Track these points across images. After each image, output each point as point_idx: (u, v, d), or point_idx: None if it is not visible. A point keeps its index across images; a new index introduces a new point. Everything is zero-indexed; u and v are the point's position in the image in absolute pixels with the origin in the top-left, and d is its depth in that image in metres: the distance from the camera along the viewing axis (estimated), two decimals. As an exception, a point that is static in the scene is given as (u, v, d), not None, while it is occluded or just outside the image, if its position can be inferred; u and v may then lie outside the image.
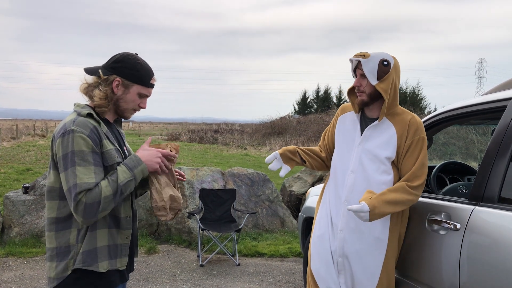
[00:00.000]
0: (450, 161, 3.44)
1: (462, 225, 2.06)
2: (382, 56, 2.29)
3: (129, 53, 1.82)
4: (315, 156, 2.63)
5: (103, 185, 1.65)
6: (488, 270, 1.86)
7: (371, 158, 2.32)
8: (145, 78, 1.81)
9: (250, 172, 6.66)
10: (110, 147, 1.74)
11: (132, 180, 1.72)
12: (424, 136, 2.31)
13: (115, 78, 1.77)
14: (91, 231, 1.71)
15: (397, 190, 2.21)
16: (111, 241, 1.76)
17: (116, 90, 1.78)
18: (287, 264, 5.04)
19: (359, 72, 2.33)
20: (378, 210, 2.13)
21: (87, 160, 1.64)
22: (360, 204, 2.13)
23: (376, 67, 2.26)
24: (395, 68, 2.31)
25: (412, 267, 2.37)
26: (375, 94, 2.31)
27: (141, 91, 1.82)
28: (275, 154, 2.56)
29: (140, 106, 1.86)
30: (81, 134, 1.65)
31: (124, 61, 1.78)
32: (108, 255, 1.74)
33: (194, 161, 15.09)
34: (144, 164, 1.75)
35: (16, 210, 5.43)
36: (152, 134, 39.31)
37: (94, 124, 1.71)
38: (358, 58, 2.29)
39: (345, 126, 2.49)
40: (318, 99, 46.11)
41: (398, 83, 2.36)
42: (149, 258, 5.08)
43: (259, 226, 6.21)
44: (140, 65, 1.80)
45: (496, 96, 2.23)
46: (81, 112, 1.73)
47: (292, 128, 26.64)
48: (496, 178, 2.01)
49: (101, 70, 1.78)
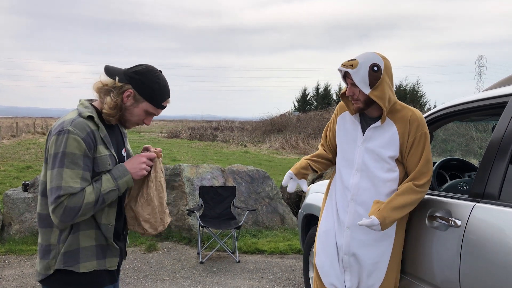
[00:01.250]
0: (450, 157, 3.43)
1: (462, 221, 2.05)
2: (371, 60, 2.20)
3: (153, 69, 1.77)
4: (323, 160, 2.63)
5: (87, 191, 1.63)
6: (489, 267, 1.86)
7: (374, 157, 2.31)
8: (159, 98, 1.77)
9: (250, 169, 6.65)
10: (104, 153, 1.71)
11: (116, 190, 1.69)
12: (426, 131, 2.28)
13: (129, 88, 1.73)
14: (74, 232, 1.69)
15: (405, 193, 2.21)
16: (98, 242, 1.74)
17: (126, 100, 1.74)
18: (287, 261, 5.04)
19: (349, 81, 2.26)
20: (388, 219, 2.15)
21: (77, 163, 1.62)
22: (370, 219, 2.14)
23: (367, 75, 2.18)
24: (386, 70, 2.23)
25: (412, 264, 2.37)
26: (370, 100, 2.24)
27: (150, 110, 1.78)
28: (289, 174, 2.56)
29: (144, 122, 1.83)
30: (76, 136, 1.62)
31: (145, 76, 1.73)
32: (95, 255, 1.73)
33: (194, 159, 15.09)
34: (129, 175, 1.72)
35: (16, 208, 5.43)
36: (152, 132, 39.30)
37: (92, 128, 1.69)
38: (347, 69, 2.21)
39: (346, 125, 2.45)
40: (318, 96, 46.08)
41: (392, 82, 2.29)
42: (149, 256, 5.08)
43: (259, 223, 6.21)
44: (158, 84, 1.75)
45: (496, 92, 2.21)
46: (82, 112, 1.70)
47: (292, 125, 26.63)
48: (496, 175, 2.00)
49: (119, 76, 1.73)
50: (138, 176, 1.76)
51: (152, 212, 1.85)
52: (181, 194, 5.99)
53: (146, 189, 1.84)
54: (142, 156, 1.78)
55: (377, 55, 2.24)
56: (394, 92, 2.32)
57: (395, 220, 2.19)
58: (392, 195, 2.24)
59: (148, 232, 1.87)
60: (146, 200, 1.84)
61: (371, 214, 2.18)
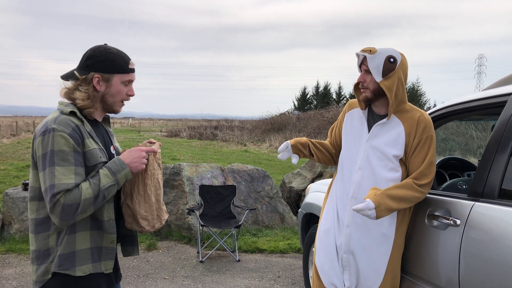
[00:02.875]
0: (450, 156, 3.44)
1: (462, 220, 2.05)
2: (389, 52, 2.25)
3: (98, 45, 1.75)
4: (324, 150, 2.60)
5: (83, 187, 1.59)
6: (488, 266, 1.86)
7: (378, 155, 2.30)
8: (123, 64, 1.74)
9: (250, 168, 6.65)
10: (93, 147, 1.68)
11: (115, 185, 1.66)
12: (432, 134, 2.27)
13: (94, 75, 1.71)
14: (70, 234, 1.65)
15: (404, 187, 2.20)
16: (94, 244, 1.70)
17: (99, 87, 1.72)
18: (287, 260, 5.05)
19: (364, 67, 2.29)
20: (384, 206, 2.12)
21: (68, 160, 1.59)
22: (365, 202, 2.11)
23: (382, 64, 2.23)
24: (402, 65, 2.27)
25: (412, 262, 2.37)
26: (379, 91, 2.27)
27: (123, 79, 1.76)
28: (286, 144, 2.53)
29: (128, 94, 1.79)
30: (62, 133, 1.59)
31: (96, 55, 1.71)
32: (91, 258, 1.69)
33: (193, 158, 15.09)
34: (128, 168, 1.69)
35: (16, 207, 5.43)
36: (152, 131, 39.29)
37: (76, 123, 1.66)
38: (364, 53, 2.25)
39: (353, 123, 2.46)
40: (318, 95, 46.07)
41: (405, 80, 2.32)
42: (149, 255, 5.08)
43: (259, 222, 6.22)
44: (113, 54, 1.73)
45: (496, 91, 2.22)
46: (63, 110, 1.68)
47: (291, 124, 26.63)
48: (496, 174, 2.00)
49: (76, 71, 1.72)
50: (137, 169, 1.73)
51: (150, 209, 1.84)
52: (181, 193, 5.99)
53: (143, 186, 1.81)
54: (142, 150, 1.75)
55: (397, 51, 2.30)
56: (405, 91, 2.33)
57: (391, 210, 2.15)
58: (391, 186, 2.22)
59: (145, 229, 1.85)
60: (143, 197, 1.82)
61: (366, 197, 2.15)
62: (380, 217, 2.14)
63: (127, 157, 1.72)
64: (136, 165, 1.72)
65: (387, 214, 2.15)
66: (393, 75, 2.24)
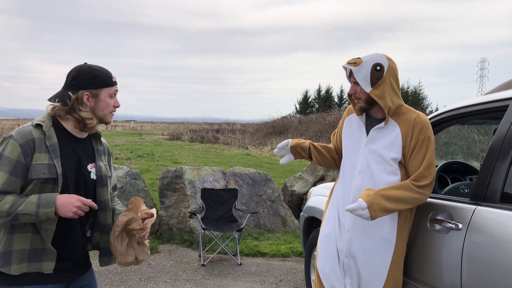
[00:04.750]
0: (452, 160, 3.44)
1: (464, 224, 2.05)
2: (375, 60, 2.25)
3: (80, 65, 1.89)
4: (327, 154, 2.59)
5: (6, 199, 1.68)
6: (490, 270, 1.86)
7: (377, 159, 2.30)
8: (107, 78, 1.88)
9: (252, 171, 6.65)
10: (42, 162, 1.74)
11: (33, 215, 1.69)
12: (430, 135, 2.26)
13: (83, 92, 1.83)
14: (9, 234, 1.74)
15: (400, 188, 2.19)
16: (33, 246, 1.76)
17: (88, 103, 1.84)
18: (289, 264, 5.05)
19: (352, 80, 2.30)
20: (377, 206, 2.10)
21: (6, 166, 1.69)
22: (357, 202, 2.11)
23: (369, 74, 2.23)
24: (390, 70, 2.27)
25: (413, 266, 2.37)
26: (371, 100, 2.27)
27: (110, 91, 1.89)
28: (286, 142, 2.54)
29: (115, 106, 1.92)
30: (15, 142, 1.72)
31: (81, 74, 1.84)
32: (27, 259, 1.74)
33: (195, 161, 15.10)
34: (53, 209, 1.71)
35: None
36: (153, 134, 39.32)
37: (35, 136, 1.75)
38: (350, 66, 2.26)
39: (352, 128, 2.47)
40: (320, 98, 46.09)
41: (397, 83, 2.31)
42: (150, 258, 5.09)
43: (261, 225, 6.21)
44: (97, 71, 1.86)
45: (498, 95, 2.22)
46: (33, 121, 1.80)
47: (293, 127, 26.64)
48: (498, 178, 2.00)
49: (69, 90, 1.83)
50: (64, 215, 1.74)
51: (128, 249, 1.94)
52: (182, 196, 6.00)
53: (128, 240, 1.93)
54: (78, 200, 1.76)
55: (383, 56, 2.29)
56: (399, 94, 2.33)
57: (387, 211, 2.13)
58: (386, 187, 2.21)
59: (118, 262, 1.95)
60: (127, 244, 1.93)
61: (359, 197, 2.14)
62: (375, 217, 2.13)
63: (61, 199, 1.74)
64: (64, 211, 1.73)
65: (382, 215, 2.14)
66: (382, 83, 2.24)
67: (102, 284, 4.21)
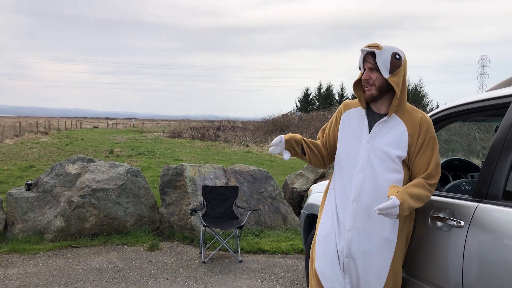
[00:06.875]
0: (453, 157, 3.43)
1: (465, 222, 2.05)
2: (394, 49, 2.26)
3: None
4: (317, 152, 2.51)
5: None
6: (492, 268, 1.86)
7: (380, 156, 2.26)
8: None
9: (252, 169, 6.65)
10: None
11: None
12: (434, 135, 2.27)
13: None
14: None
15: (418, 186, 2.17)
16: None
17: None
18: (290, 261, 5.05)
19: (367, 65, 2.26)
20: (406, 204, 2.07)
21: None
22: (390, 200, 2.05)
23: (389, 60, 2.22)
24: (405, 64, 2.29)
25: (415, 264, 2.36)
26: (384, 87, 2.26)
27: None
28: (280, 138, 2.42)
29: None
30: None
31: None
32: None
33: (196, 158, 15.11)
34: None
35: (19, 207, 5.45)
36: (154, 132, 39.32)
37: None
38: (372, 49, 2.22)
39: (351, 123, 2.41)
40: (320, 96, 46.05)
41: (406, 79, 2.33)
42: (151, 255, 5.09)
43: (261, 223, 6.22)
44: None
45: (500, 92, 2.21)
46: None
47: (294, 125, 26.63)
48: (500, 175, 1.99)
49: None
50: None
51: None
52: (183, 193, 6.00)
53: None
54: None
55: (399, 48, 2.29)
56: (406, 88, 2.34)
57: (410, 209, 2.10)
58: (407, 184, 2.18)
59: None
60: None
61: (390, 195, 2.08)
62: (402, 216, 2.08)
63: None
64: None
65: (407, 213, 2.12)
66: (400, 71, 2.25)
67: (103, 281, 4.21)
